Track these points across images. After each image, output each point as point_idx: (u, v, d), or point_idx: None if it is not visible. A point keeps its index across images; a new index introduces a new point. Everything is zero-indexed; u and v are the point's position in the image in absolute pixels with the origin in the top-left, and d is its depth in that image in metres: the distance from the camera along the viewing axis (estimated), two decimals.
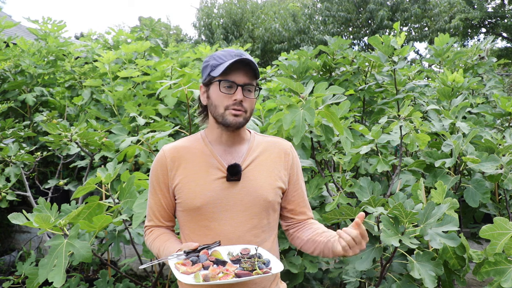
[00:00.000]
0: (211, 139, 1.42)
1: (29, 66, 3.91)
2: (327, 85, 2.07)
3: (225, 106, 1.33)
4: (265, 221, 1.40)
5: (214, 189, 1.34)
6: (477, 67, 3.94)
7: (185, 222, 1.40)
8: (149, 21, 4.65)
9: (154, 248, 1.39)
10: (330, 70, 3.53)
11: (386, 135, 2.53)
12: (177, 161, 1.39)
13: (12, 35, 4.49)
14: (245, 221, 1.35)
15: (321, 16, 18.85)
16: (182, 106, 3.46)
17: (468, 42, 18.77)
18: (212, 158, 1.38)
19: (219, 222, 1.34)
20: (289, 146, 1.50)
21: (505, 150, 2.33)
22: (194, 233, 1.37)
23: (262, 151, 1.44)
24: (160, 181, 1.41)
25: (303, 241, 1.45)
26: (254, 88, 1.36)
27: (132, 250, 3.74)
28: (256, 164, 1.41)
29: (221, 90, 1.33)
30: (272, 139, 1.50)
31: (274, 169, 1.43)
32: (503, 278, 1.67)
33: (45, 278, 1.69)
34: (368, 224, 1.95)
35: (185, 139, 1.46)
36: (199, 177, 1.36)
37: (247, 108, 1.35)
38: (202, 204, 1.33)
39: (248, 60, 1.31)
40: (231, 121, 1.33)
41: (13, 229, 4.36)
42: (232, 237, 1.34)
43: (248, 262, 1.19)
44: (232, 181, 1.36)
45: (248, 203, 1.36)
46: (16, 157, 3.03)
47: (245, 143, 1.44)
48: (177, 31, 25.25)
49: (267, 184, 1.39)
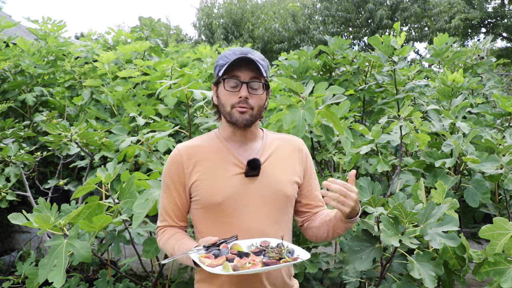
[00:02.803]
0: (225, 137, 1.44)
1: (29, 66, 3.91)
2: (327, 85, 2.07)
3: (231, 104, 1.35)
4: (285, 216, 1.42)
5: (233, 185, 1.36)
6: (476, 67, 3.94)
7: (202, 219, 1.40)
8: (149, 21, 4.65)
9: (168, 247, 1.38)
10: (330, 70, 3.53)
11: (386, 135, 2.53)
12: (193, 158, 1.40)
13: (12, 35, 4.49)
14: (266, 216, 1.37)
15: (320, 16, 18.85)
16: (182, 106, 3.46)
17: (468, 42, 18.76)
18: (229, 155, 1.40)
19: (239, 218, 1.35)
20: (301, 143, 1.53)
21: (505, 150, 2.33)
22: (214, 229, 1.37)
23: (277, 147, 1.46)
24: (175, 180, 1.41)
25: (316, 229, 1.45)
26: (261, 85, 1.37)
27: (132, 250, 3.74)
28: (273, 160, 1.42)
29: (226, 88, 1.35)
30: (284, 136, 1.53)
31: (290, 164, 1.45)
32: (502, 278, 1.67)
33: (45, 278, 1.69)
34: (368, 224, 1.95)
35: (198, 138, 1.48)
36: (218, 173, 1.37)
37: (254, 105, 1.36)
38: (223, 199, 1.35)
39: (251, 58, 1.32)
40: (237, 118, 1.35)
41: (13, 229, 4.36)
42: (254, 232, 1.35)
43: (274, 251, 1.21)
44: (251, 176, 1.37)
45: (268, 197, 1.38)
46: (16, 157, 3.03)
47: (258, 140, 1.46)
48: (177, 31, 25.24)
49: (285, 178, 1.41)
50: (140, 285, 2.47)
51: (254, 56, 1.35)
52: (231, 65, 1.32)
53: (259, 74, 1.35)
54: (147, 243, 2.22)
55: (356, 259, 1.87)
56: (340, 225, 1.35)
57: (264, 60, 1.39)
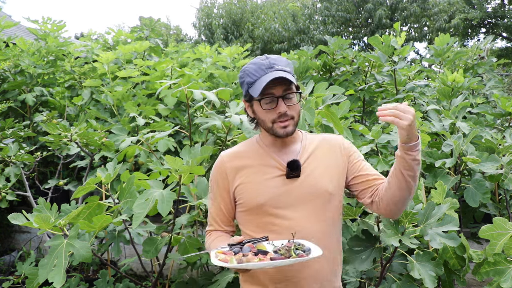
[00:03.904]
0: (266, 143, 1.47)
1: (28, 66, 3.91)
2: (327, 85, 2.07)
3: (272, 120, 1.38)
4: (328, 213, 1.42)
5: (275, 186, 1.39)
6: (477, 67, 3.94)
7: (247, 222, 1.44)
8: (149, 21, 4.65)
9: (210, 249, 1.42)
10: (330, 70, 3.53)
11: (386, 135, 2.53)
12: (235, 164, 1.45)
13: (12, 35, 4.49)
14: (308, 215, 1.38)
15: (320, 16, 18.85)
16: (182, 106, 3.45)
17: (468, 42, 18.76)
18: (270, 159, 1.43)
19: (283, 218, 1.38)
20: (340, 138, 1.54)
21: (505, 150, 2.33)
22: (258, 230, 1.40)
23: (316, 147, 1.48)
24: (220, 186, 1.47)
25: (387, 191, 1.37)
26: (296, 93, 1.38)
27: (132, 250, 3.74)
28: (312, 159, 1.44)
29: (264, 108, 1.37)
30: (324, 136, 1.54)
31: (331, 162, 1.46)
32: (502, 278, 1.67)
33: (45, 278, 1.69)
34: (368, 224, 1.95)
35: (241, 145, 1.53)
36: (259, 176, 1.41)
37: (294, 115, 1.38)
38: (265, 201, 1.38)
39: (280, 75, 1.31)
40: (281, 133, 1.38)
41: (13, 229, 4.36)
42: (299, 231, 1.35)
43: (285, 248, 1.22)
44: (292, 177, 1.39)
45: (309, 196, 1.39)
46: (16, 157, 3.03)
47: (298, 142, 1.48)
48: (177, 31, 25.24)
49: (326, 176, 1.42)
50: (140, 285, 2.47)
51: (279, 66, 1.35)
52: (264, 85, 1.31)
53: (290, 84, 1.36)
54: (147, 243, 2.22)
55: (356, 259, 1.87)
56: (404, 162, 1.28)
57: (288, 65, 1.39)
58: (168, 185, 2.08)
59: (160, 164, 2.46)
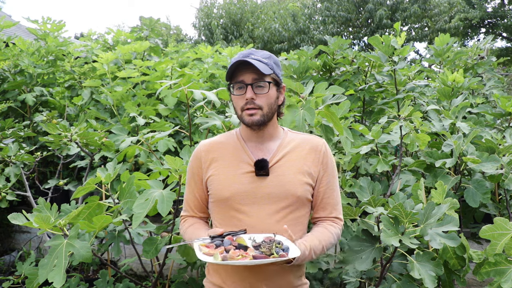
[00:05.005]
0: (244, 136, 1.49)
1: (28, 66, 3.91)
2: (327, 85, 2.07)
3: (241, 107, 1.39)
4: (293, 215, 1.42)
5: (242, 182, 1.40)
6: (476, 67, 3.94)
7: (215, 213, 1.47)
8: (149, 21, 4.65)
9: (186, 236, 1.48)
10: (330, 70, 3.53)
11: (386, 135, 2.53)
12: (211, 155, 1.48)
13: (12, 35, 4.49)
14: (272, 214, 1.39)
15: (321, 16, 18.84)
16: (182, 106, 3.45)
17: (468, 42, 18.76)
18: (244, 154, 1.45)
19: (247, 214, 1.40)
20: (322, 143, 1.51)
21: (506, 150, 2.33)
22: (223, 223, 1.43)
23: (294, 147, 1.47)
24: (195, 174, 1.50)
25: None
26: (267, 83, 1.38)
27: (132, 250, 3.74)
28: (286, 160, 1.44)
29: (234, 93, 1.40)
30: (306, 136, 1.53)
31: (304, 165, 1.45)
32: (503, 278, 1.67)
33: (45, 278, 1.69)
34: (368, 224, 1.95)
35: (221, 135, 1.55)
36: (230, 170, 1.43)
37: (262, 105, 1.38)
38: (230, 195, 1.40)
39: (248, 60, 1.33)
40: (247, 121, 1.39)
41: (13, 229, 4.36)
42: (260, 229, 1.37)
43: (266, 246, 1.24)
44: (261, 175, 1.40)
45: (275, 197, 1.40)
46: (16, 157, 3.03)
47: (276, 139, 1.48)
48: (177, 31, 25.23)
49: (296, 179, 1.42)
50: (140, 285, 2.47)
51: (255, 56, 1.37)
52: (233, 70, 1.37)
53: (261, 73, 1.36)
54: (147, 243, 2.22)
55: (356, 259, 1.87)
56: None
57: (269, 58, 1.40)
58: (168, 185, 2.08)
59: (160, 164, 2.46)
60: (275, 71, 1.41)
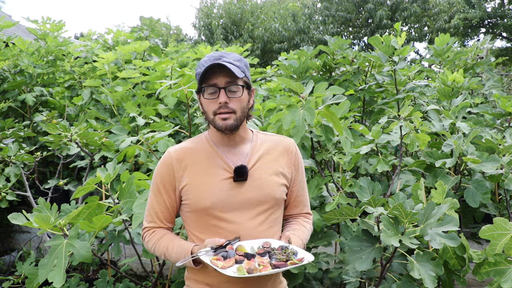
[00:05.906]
0: (215, 141, 1.44)
1: (28, 66, 3.91)
2: (327, 85, 2.07)
3: (213, 112, 1.35)
4: (273, 216, 1.44)
5: (222, 189, 1.37)
6: (476, 67, 3.94)
7: (193, 222, 1.42)
8: (149, 21, 4.64)
9: (160, 248, 1.40)
10: (330, 70, 3.53)
11: (386, 135, 2.53)
12: (183, 162, 1.41)
13: (12, 35, 4.49)
14: (252, 218, 1.39)
15: (320, 16, 18.84)
16: (182, 106, 3.46)
17: (468, 42, 18.76)
18: (218, 159, 1.41)
19: (228, 221, 1.37)
20: (292, 144, 1.52)
21: (506, 150, 2.33)
22: (204, 232, 1.39)
23: (266, 150, 1.46)
24: (166, 183, 1.42)
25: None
26: (240, 87, 1.35)
27: (132, 250, 3.74)
28: (261, 163, 1.43)
29: (205, 97, 1.36)
30: (274, 137, 1.52)
31: (279, 167, 1.45)
32: (503, 278, 1.67)
33: (45, 278, 1.69)
34: (368, 224, 1.95)
35: (189, 141, 1.48)
36: (207, 178, 1.39)
37: (235, 108, 1.35)
38: (212, 204, 1.36)
39: (222, 63, 1.30)
40: (221, 125, 1.35)
41: (13, 229, 4.36)
42: (242, 234, 1.36)
43: (281, 253, 1.26)
44: (239, 181, 1.38)
45: (255, 201, 1.39)
46: (16, 157, 3.03)
47: (247, 142, 1.46)
48: (177, 31, 25.23)
49: (273, 182, 1.42)
50: (140, 285, 2.47)
51: (227, 59, 1.34)
52: (205, 73, 1.33)
53: (234, 77, 1.33)
54: None
55: (356, 259, 1.87)
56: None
57: (240, 61, 1.37)
58: None
59: None
60: (246, 74, 1.39)
